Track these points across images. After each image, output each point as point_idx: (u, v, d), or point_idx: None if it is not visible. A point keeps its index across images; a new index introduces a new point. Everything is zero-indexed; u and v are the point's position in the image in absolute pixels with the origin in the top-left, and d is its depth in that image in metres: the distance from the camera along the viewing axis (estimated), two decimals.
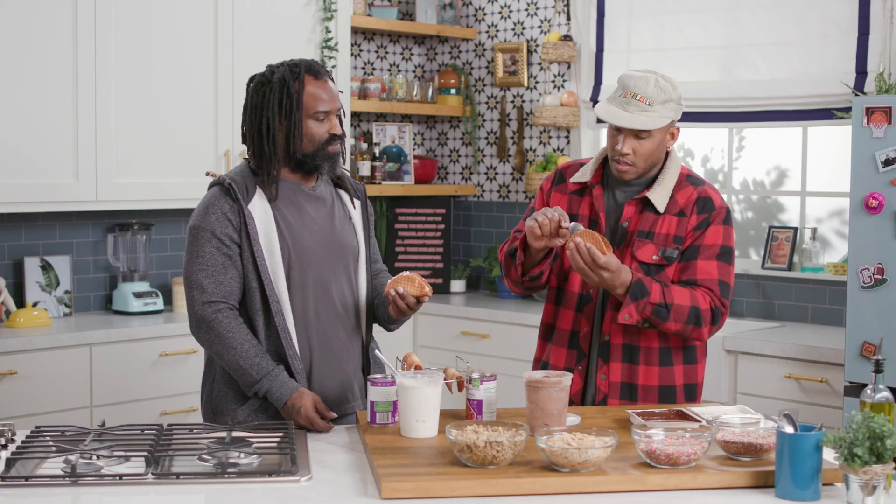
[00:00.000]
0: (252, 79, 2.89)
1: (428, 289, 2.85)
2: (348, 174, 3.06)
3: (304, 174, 2.89)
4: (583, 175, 3.08)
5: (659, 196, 2.97)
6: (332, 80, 2.90)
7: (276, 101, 2.80)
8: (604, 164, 3.10)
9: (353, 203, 3.00)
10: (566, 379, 2.56)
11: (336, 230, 2.91)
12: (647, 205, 2.99)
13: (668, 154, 3.05)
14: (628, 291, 2.86)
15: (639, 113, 2.90)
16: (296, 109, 2.80)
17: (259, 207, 2.80)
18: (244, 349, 2.73)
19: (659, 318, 2.88)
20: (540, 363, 3.15)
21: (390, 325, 3.03)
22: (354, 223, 2.98)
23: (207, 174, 2.88)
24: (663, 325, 2.90)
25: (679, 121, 3.02)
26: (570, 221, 2.89)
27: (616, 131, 2.95)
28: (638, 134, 2.91)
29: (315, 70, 2.85)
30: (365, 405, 2.93)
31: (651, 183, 3.02)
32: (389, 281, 2.88)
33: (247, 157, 2.92)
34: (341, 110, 2.90)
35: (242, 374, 2.73)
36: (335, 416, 2.75)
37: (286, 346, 2.78)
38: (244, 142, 2.90)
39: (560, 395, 2.54)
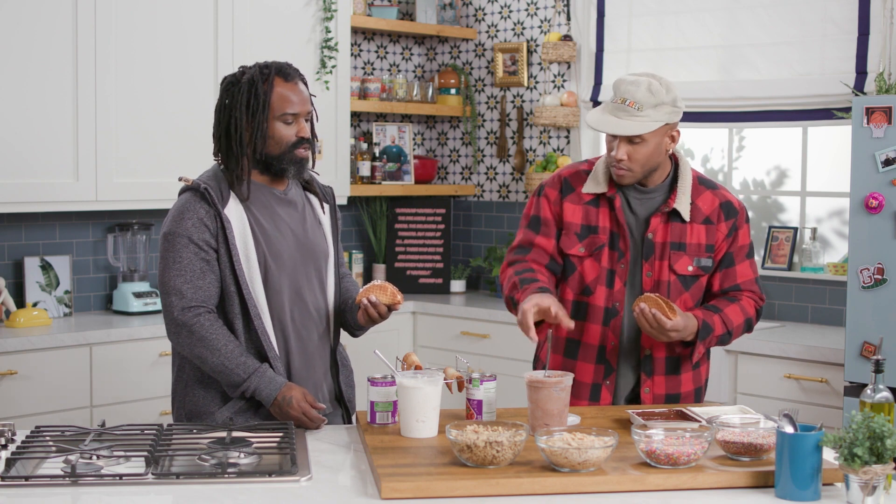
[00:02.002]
0: (224, 79, 2.87)
1: (399, 297, 2.83)
2: (318, 178, 3.03)
3: (273, 177, 2.86)
4: (596, 185, 3.01)
5: (684, 205, 2.98)
6: (305, 83, 2.86)
7: (243, 102, 2.78)
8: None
9: (322, 207, 2.98)
10: (567, 379, 2.56)
11: (308, 234, 2.89)
12: (672, 215, 2.98)
13: (677, 159, 3.03)
14: (697, 337, 2.93)
15: (628, 119, 2.88)
16: (262, 110, 2.77)
17: (234, 212, 2.78)
18: (228, 350, 2.71)
19: (723, 344, 3.03)
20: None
21: (356, 331, 3.02)
22: (324, 227, 2.96)
23: (180, 179, 2.85)
24: (726, 345, 3.08)
25: (679, 121, 3.01)
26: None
27: (612, 137, 2.93)
28: (631, 139, 2.89)
29: (285, 72, 2.82)
30: (334, 409, 2.94)
31: (669, 190, 3.00)
32: (362, 289, 2.86)
33: (217, 159, 2.90)
34: (312, 114, 2.86)
35: (228, 374, 2.71)
36: (324, 407, 2.74)
37: (267, 349, 2.77)
38: (214, 141, 2.87)
39: (560, 395, 2.54)
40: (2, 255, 4.59)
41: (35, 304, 4.55)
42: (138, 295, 4.70)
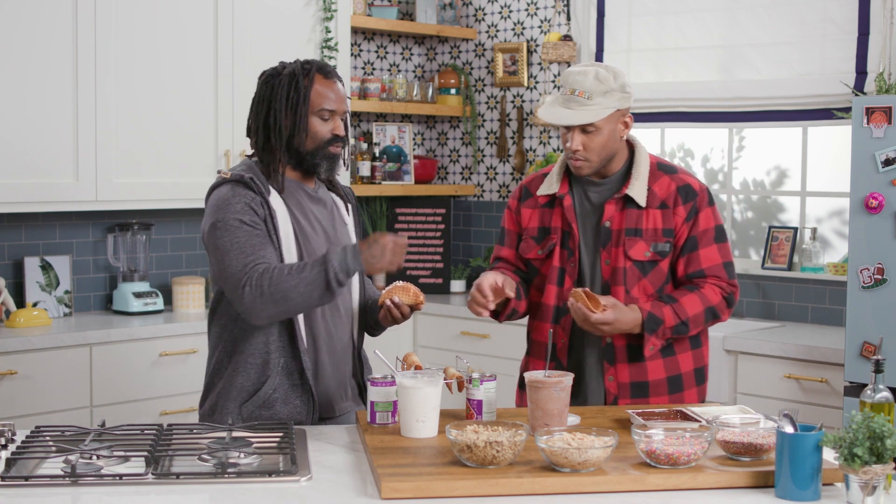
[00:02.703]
0: (263, 72, 2.89)
1: (422, 298, 2.87)
2: (339, 180, 3.06)
3: (304, 174, 2.88)
4: (549, 186, 3.09)
5: (638, 190, 2.98)
6: (342, 83, 2.89)
7: (283, 94, 2.80)
8: (568, 170, 3.10)
9: (346, 208, 3.01)
10: (567, 379, 2.56)
11: (336, 233, 2.92)
12: (627, 201, 3.00)
13: (633, 146, 3.06)
14: (644, 329, 2.91)
15: (579, 108, 2.91)
16: (302, 104, 2.79)
17: (277, 203, 2.79)
18: (297, 269, 2.64)
19: (681, 334, 2.98)
20: (522, 379, 3.16)
21: (376, 331, 3.04)
22: (349, 227, 3.00)
23: (219, 172, 2.82)
24: (687, 336, 3.00)
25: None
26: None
27: (566, 129, 2.97)
28: (584, 129, 2.93)
29: (325, 70, 2.85)
30: (357, 407, 2.94)
31: (625, 178, 3.03)
32: (384, 290, 2.88)
33: (248, 154, 2.91)
34: (347, 114, 2.89)
35: (313, 282, 2.63)
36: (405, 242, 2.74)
37: (299, 341, 2.79)
38: (248, 134, 2.89)
39: (560, 395, 2.54)
40: (2, 255, 4.59)
41: (35, 304, 4.55)
42: (138, 295, 4.70)
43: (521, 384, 3.16)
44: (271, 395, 2.78)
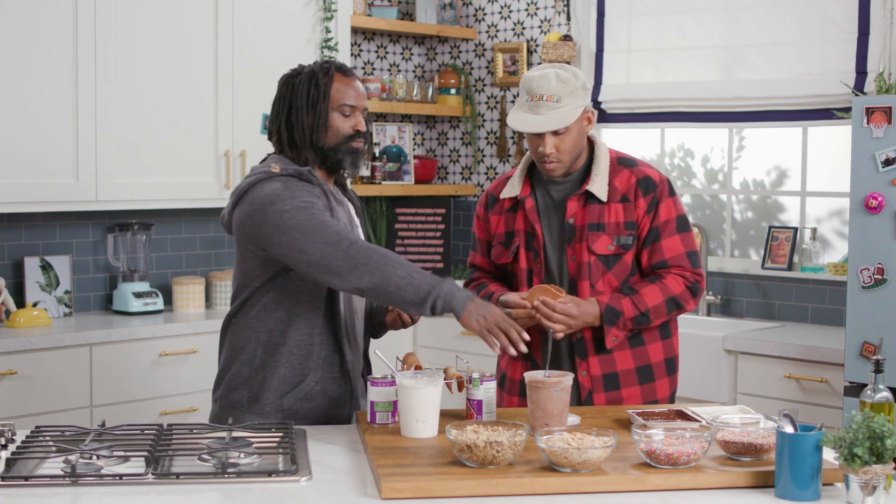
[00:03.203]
0: (283, 75, 2.91)
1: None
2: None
3: (329, 172, 2.89)
4: (512, 189, 3.12)
5: (599, 186, 3.01)
6: (361, 82, 2.91)
7: (304, 92, 2.82)
8: (530, 171, 3.12)
9: (354, 209, 3.02)
10: (567, 379, 2.56)
11: (354, 234, 2.92)
12: (589, 197, 3.02)
13: (592, 142, 3.08)
14: (603, 321, 2.94)
15: (550, 112, 2.93)
16: (322, 100, 2.81)
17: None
18: (408, 263, 2.62)
19: (643, 325, 3.00)
20: (500, 375, 3.20)
21: (379, 332, 3.06)
22: (359, 231, 3.00)
23: (272, 168, 2.79)
24: (649, 326, 3.01)
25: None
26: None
27: (534, 135, 2.97)
28: (556, 132, 2.94)
29: (344, 69, 2.88)
30: (364, 405, 2.94)
31: (585, 174, 3.05)
32: None
33: (273, 153, 2.91)
34: (367, 111, 2.91)
35: (416, 285, 2.58)
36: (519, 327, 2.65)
37: (342, 335, 2.82)
38: (269, 137, 2.90)
39: (560, 395, 2.54)
40: (2, 255, 4.59)
41: (35, 304, 4.55)
42: (138, 295, 4.70)
43: (501, 383, 3.19)
44: (313, 387, 2.80)
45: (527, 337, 2.60)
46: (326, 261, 2.62)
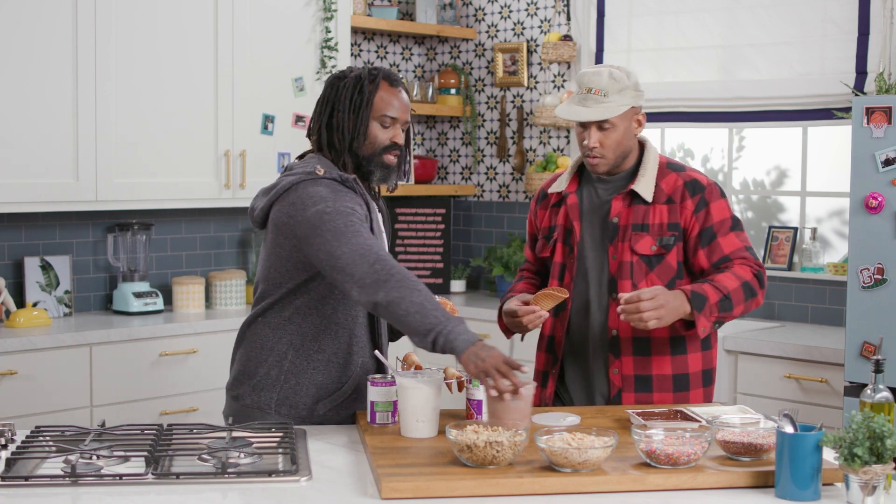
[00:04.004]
0: (331, 75, 2.90)
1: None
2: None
3: (362, 179, 2.86)
4: (559, 185, 3.15)
5: (645, 186, 3.01)
6: (408, 92, 2.90)
7: (347, 97, 2.81)
8: (580, 169, 3.15)
9: (383, 215, 3.00)
10: (525, 389, 2.54)
11: (383, 242, 2.93)
12: (634, 197, 3.03)
13: (643, 145, 3.09)
14: (692, 306, 2.87)
15: (595, 105, 2.96)
16: (364, 108, 2.80)
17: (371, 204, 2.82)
18: (426, 290, 2.58)
19: (726, 312, 2.93)
20: (533, 370, 3.19)
21: (395, 336, 3.05)
22: (384, 238, 2.97)
23: (315, 170, 2.76)
24: (731, 315, 2.95)
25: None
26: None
27: (581, 128, 3.02)
28: (601, 126, 2.97)
29: (392, 78, 2.85)
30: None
31: (633, 175, 3.06)
32: None
33: (311, 153, 2.88)
34: (409, 125, 2.89)
35: (424, 314, 2.53)
36: (523, 368, 2.59)
37: (381, 342, 2.84)
38: (308, 134, 2.88)
39: (518, 405, 2.51)
40: (2, 255, 4.59)
41: (35, 304, 4.55)
42: (138, 295, 4.70)
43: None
44: (350, 394, 2.79)
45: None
46: (351, 269, 2.59)
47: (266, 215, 2.81)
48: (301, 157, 2.91)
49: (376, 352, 2.83)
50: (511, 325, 3.00)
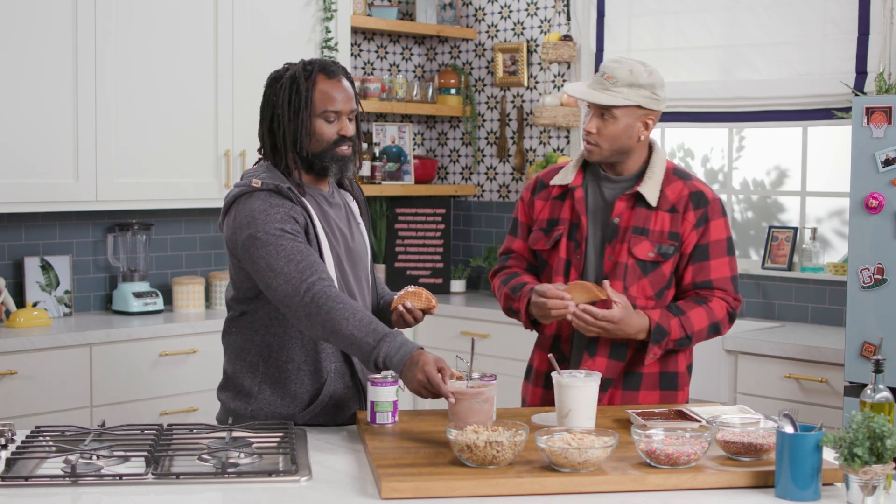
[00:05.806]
0: (269, 76, 2.84)
1: (434, 301, 2.85)
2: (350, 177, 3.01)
3: (317, 177, 2.82)
4: (564, 177, 3.10)
5: (650, 190, 2.99)
6: (350, 80, 2.82)
7: (285, 99, 2.74)
8: (585, 165, 3.11)
9: (360, 209, 2.97)
10: (488, 390, 2.54)
11: (353, 237, 2.88)
12: (638, 200, 3.01)
13: (652, 148, 3.07)
14: (650, 339, 2.92)
15: (601, 90, 2.95)
16: (304, 108, 2.73)
17: (312, 209, 2.75)
18: (356, 318, 2.54)
19: (681, 346, 3.00)
20: (529, 368, 3.18)
21: None
22: (362, 228, 2.95)
23: (252, 183, 2.72)
24: (684, 348, 3.03)
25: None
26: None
27: (586, 112, 3.02)
28: (602, 114, 2.95)
29: (329, 69, 2.78)
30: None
31: (639, 177, 3.04)
32: (396, 296, 2.87)
33: (259, 158, 2.86)
34: (356, 111, 2.82)
35: (358, 345, 2.53)
36: (461, 376, 2.59)
37: None
38: (259, 139, 2.85)
39: (483, 407, 2.51)
40: (2, 255, 4.59)
41: (35, 304, 4.55)
42: (138, 295, 4.70)
43: (527, 375, 3.18)
44: (327, 402, 2.76)
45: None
46: (286, 304, 2.61)
47: None
48: (257, 163, 2.87)
49: (550, 355, 2.74)
50: (536, 305, 2.92)
